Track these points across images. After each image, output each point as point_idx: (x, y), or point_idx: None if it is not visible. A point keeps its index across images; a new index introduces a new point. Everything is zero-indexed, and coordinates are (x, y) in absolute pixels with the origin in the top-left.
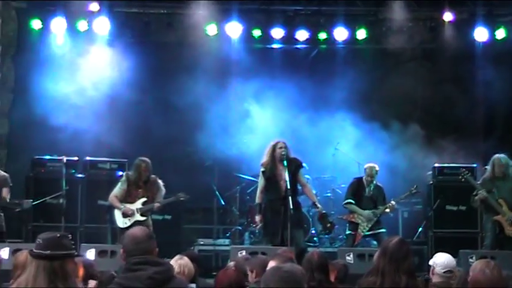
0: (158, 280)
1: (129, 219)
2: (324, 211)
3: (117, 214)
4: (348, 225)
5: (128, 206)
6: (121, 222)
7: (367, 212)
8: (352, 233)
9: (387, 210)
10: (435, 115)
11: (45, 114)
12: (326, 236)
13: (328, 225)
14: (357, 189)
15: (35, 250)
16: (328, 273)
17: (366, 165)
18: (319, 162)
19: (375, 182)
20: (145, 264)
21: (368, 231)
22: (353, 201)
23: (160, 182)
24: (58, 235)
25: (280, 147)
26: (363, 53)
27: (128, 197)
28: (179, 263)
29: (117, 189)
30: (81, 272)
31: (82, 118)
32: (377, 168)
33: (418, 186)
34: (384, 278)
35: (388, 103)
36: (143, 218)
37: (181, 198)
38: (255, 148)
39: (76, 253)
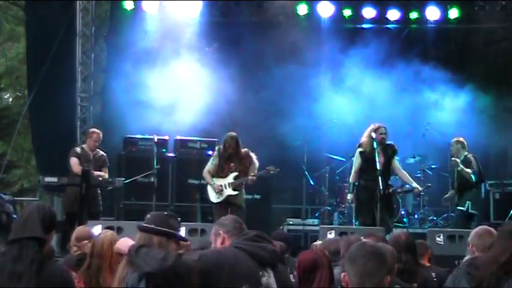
0: (277, 256)
1: (221, 194)
2: (421, 188)
3: (210, 189)
4: None
5: (219, 181)
6: (214, 197)
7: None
8: None
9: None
10: None
11: (136, 93)
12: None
13: None
14: None
15: (143, 224)
16: (415, 253)
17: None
18: (409, 142)
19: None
20: (264, 239)
21: None
22: None
23: (253, 155)
24: (166, 213)
25: (381, 133)
26: (455, 33)
27: (220, 172)
28: None
29: (210, 164)
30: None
31: (172, 97)
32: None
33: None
34: None
35: (480, 83)
36: (235, 193)
37: (271, 172)
38: (345, 128)
39: (179, 235)
